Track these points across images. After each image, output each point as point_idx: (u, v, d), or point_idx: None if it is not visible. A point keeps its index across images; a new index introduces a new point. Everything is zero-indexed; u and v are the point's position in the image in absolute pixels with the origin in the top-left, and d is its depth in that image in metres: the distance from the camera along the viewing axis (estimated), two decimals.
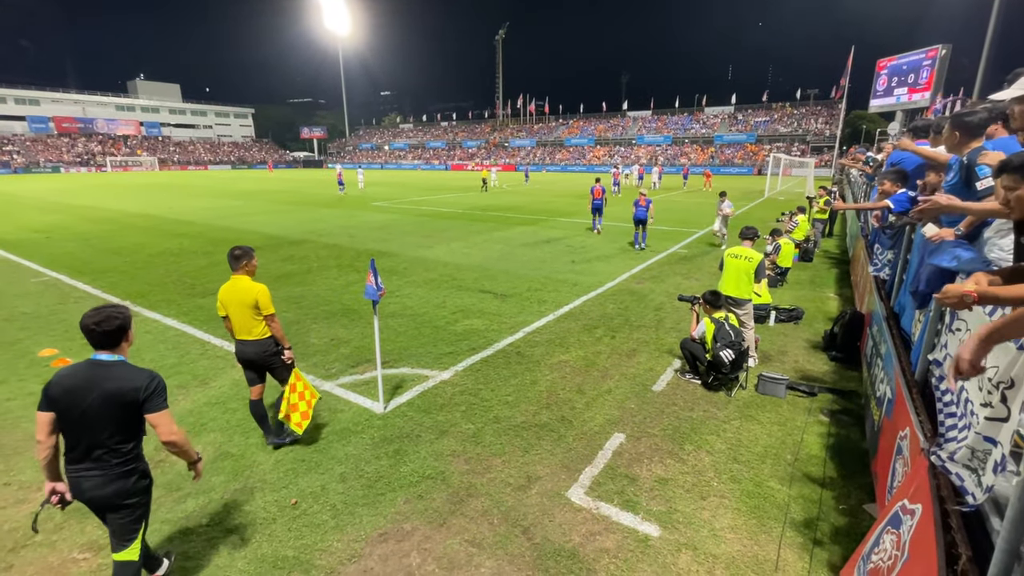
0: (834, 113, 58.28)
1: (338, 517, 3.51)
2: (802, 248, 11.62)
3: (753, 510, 3.59)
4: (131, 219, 19.07)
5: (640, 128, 73.37)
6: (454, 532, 3.38)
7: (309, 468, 4.07)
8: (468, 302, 8.45)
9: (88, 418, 2.41)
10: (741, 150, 61.24)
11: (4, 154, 65.96)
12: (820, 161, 49.69)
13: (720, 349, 5.20)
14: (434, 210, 22.13)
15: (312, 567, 3.10)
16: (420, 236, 15.09)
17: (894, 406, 3.46)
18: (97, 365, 2.50)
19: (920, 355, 3.22)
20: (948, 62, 31.41)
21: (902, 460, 2.93)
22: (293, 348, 6.40)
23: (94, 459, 2.47)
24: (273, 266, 11.09)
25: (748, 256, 5.94)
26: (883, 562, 2.34)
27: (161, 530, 3.42)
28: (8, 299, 8.72)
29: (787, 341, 6.85)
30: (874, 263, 6.06)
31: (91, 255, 12.40)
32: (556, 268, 10.91)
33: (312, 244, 13.77)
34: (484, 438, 4.49)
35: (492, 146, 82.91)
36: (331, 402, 5.14)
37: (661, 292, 9.05)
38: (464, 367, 5.94)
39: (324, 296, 8.83)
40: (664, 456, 4.24)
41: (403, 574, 3.05)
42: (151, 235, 15.40)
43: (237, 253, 4.08)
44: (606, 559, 3.16)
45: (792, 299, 8.69)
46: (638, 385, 5.51)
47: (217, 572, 3.06)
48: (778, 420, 4.81)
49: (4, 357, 6.28)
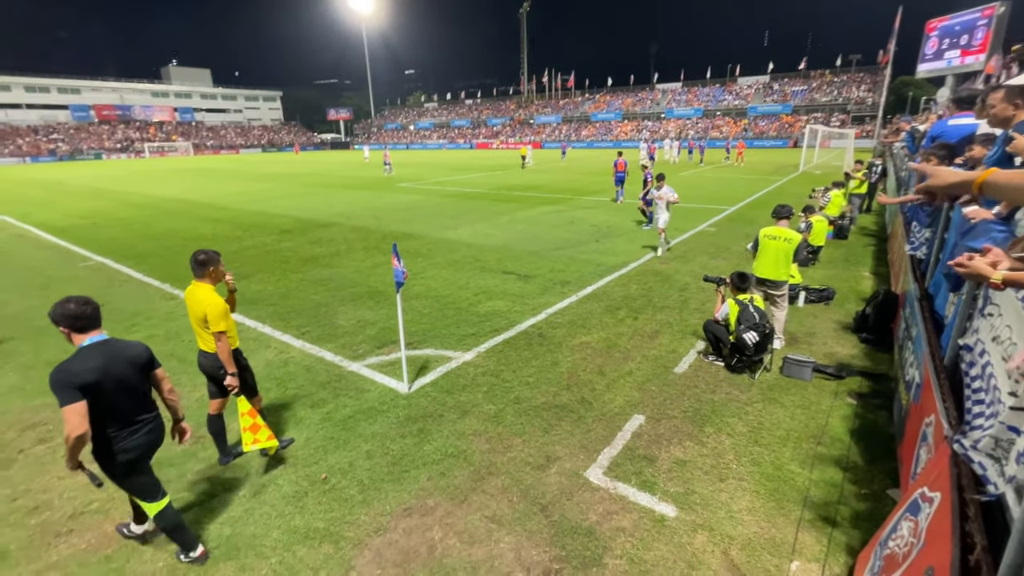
0: (878, 80, 55.07)
1: (365, 492, 3.69)
2: (836, 225, 11.19)
3: (772, 493, 3.60)
4: (168, 204, 19.79)
5: (670, 101, 71.13)
6: (475, 508, 3.51)
7: (338, 445, 4.25)
8: (491, 283, 8.52)
9: (125, 385, 2.83)
10: (776, 121, 58.79)
11: (50, 142, 68.98)
12: (861, 131, 47.33)
13: (744, 331, 5.13)
14: (459, 190, 22.17)
15: (341, 538, 3.28)
16: (444, 217, 15.19)
17: (922, 391, 3.37)
18: (105, 343, 2.86)
19: (951, 339, 3.12)
20: (1007, 20, 29.12)
21: (926, 447, 2.87)
22: (322, 329, 6.67)
23: (140, 414, 2.93)
24: (302, 249, 11.39)
25: (787, 237, 5.73)
26: (899, 548, 2.33)
27: (204, 501, 3.66)
28: (59, 283, 9.26)
29: (816, 322, 6.69)
30: (911, 241, 5.81)
31: (133, 240, 12.98)
32: (580, 248, 10.85)
33: (339, 227, 14.04)
34: (505, 418, 4.59)
35: (517, 123, 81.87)
36: (358, 382, 5.32)
37: (686, 272, 8.91)
38: (486, 348, 6.04)
39: (351, 278, 9.05)
40: (684, 438, 4.26)
41: (426, 547, 3.20)
42: (187, 220, 15.98)
43: (201, 258, 3.67)
44: (622, 537, 3.23)
45: (824, 278, 8.44)
46: (660, 367, 5.50)
47: (254, 541, 3.28)
48: (802, 403, 4.75)
49: (56, 340, 6.66)
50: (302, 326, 6.86)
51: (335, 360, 5.82)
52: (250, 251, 11.39)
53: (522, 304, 7.49)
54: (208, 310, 3.56)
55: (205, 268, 3.67)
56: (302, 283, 8.84)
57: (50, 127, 72.65)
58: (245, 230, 13.95)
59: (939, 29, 33.58)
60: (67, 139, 71.07)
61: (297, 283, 8.85)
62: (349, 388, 5.19)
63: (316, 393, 5.11)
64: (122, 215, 17.19)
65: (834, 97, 57.96)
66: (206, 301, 3.58)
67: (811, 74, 63.61)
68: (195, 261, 3.68)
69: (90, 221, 16.06)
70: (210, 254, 3.69)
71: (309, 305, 7.69)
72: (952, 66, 32.56)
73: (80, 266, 10.49)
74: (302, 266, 9.96)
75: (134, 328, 6.94)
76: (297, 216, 16.04)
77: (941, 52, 33.43)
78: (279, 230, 13.77)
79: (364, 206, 17.99)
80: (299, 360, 5.87)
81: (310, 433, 4.45)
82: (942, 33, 33.26)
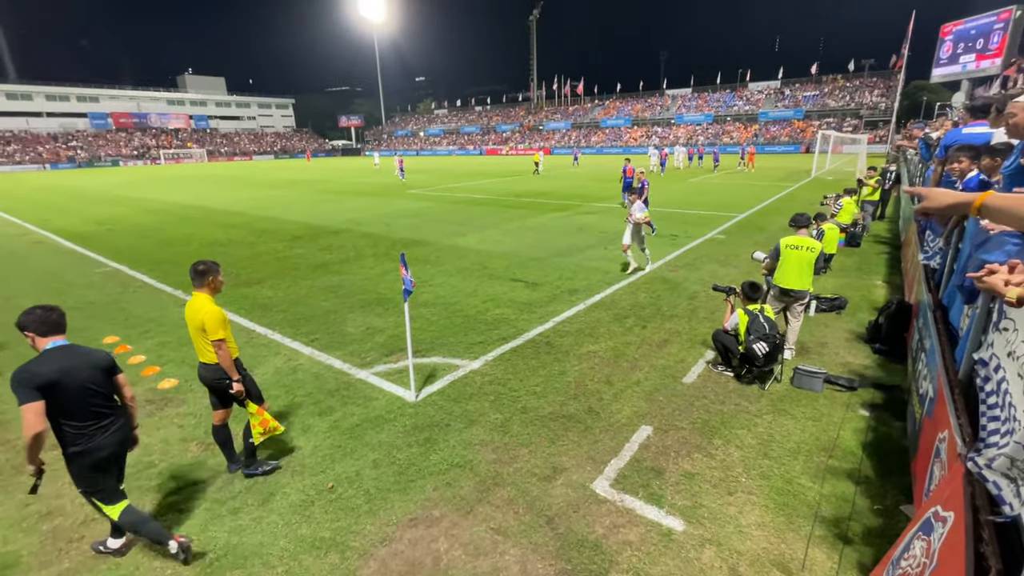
0: (891, 84, 54.58)
1: (371, 502, 3.70)
2: (848, 232, 11.06)
3: (782, 507, 3.54)
4: (183, 210, 20.10)
5: (680, 107, 71.00)
6: (480, 520, 3.50)
7: (345, 454, 4.27)
8: (499, 291, 8.53)
9: (89, 386, 2.97)
10: (787, 127, 58.42)
11: (70, 149, 70.49)
12: (874, 137, 46.85)
13: (753, 342, 5.08)
14: (468, 197, 22.27)
15: (347, 548, 3.29)
16: (453, 224, 15.25)
17: (935, 405, 3.31)
18: (69, 347, 3.03)
19: (965, 353, 3.06)
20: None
21: (940, 463, 2.82)
22: (330, 337, 6.71)
23: (102, 417, 3.04)
24: (313, 255, 11.50)
25: (810, 247, 5.70)
26: (911, 568, 2.28)
27: (212, 508, 3.69)
28: (77, 289, 9.43)
29: (827, 332, 6.61)
30: (924, 250, 5.73)
31: (147, 246, 13.19)
32: (588, 256, 10.83)
33: (349, 233, 14.16)
34: (512, 428, 4.58)
35: (527, 129, 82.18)
36: (366, 390, 5.34)
37: (696, 280, 8.85)
38: (494, 357, 6.04)
39: (360, 285, 9.11)
40: (692, 450, 4.21)
41: (431, 558, 3.19)
42: (201, 226, 16.21)
43: (201, 268, 3.69)
44: (629, 551, 3.20)
45: (835, 287, 8.34)
46: (668, 377, 5.46)
47: (261, 550, 3.30)
48: (813, 415, 4.68)
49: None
50: (311, 333, 6.91)
51: (343, 367, 5.86)
52: (262, 257, 11.52)
53: (530, 312, 7.49)
54: (206, 318, 3.57)
55: (204, 278, 3.68)
56: (312, 290, 8.91)
57: (69, 134, 74.28)
58: (258, 236, 14.12)
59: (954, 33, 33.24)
60: (86, 146, 72.60)
61: (307, 290, 8.93)
62: (357, 396, 5.22)
63: (324, 401, 5.14)
64: (138, 221, 17.49)
65: (846, 102, 57.48)
66: (204, 309, 3.60)
67: (823, 79, 63.20)
68: (194, 271, 3.70)
69: (106, 227, 16.35)
70: (209, 264, 3.71)
71: (319, 312, 7.75)
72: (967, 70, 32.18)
73: (96, 272, 10.68)
74: (312, 273, 10.05)
75: (147, 334, 7.05)
76: (308, 223, 16.21)
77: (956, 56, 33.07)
78: (290, 236, 13.92)
79: (374, 212, 18.13)
80: (308, 367, 5.91)
81: (318, 441, 4.48)
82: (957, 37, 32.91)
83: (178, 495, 3.85)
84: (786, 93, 64.07)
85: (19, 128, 71.84)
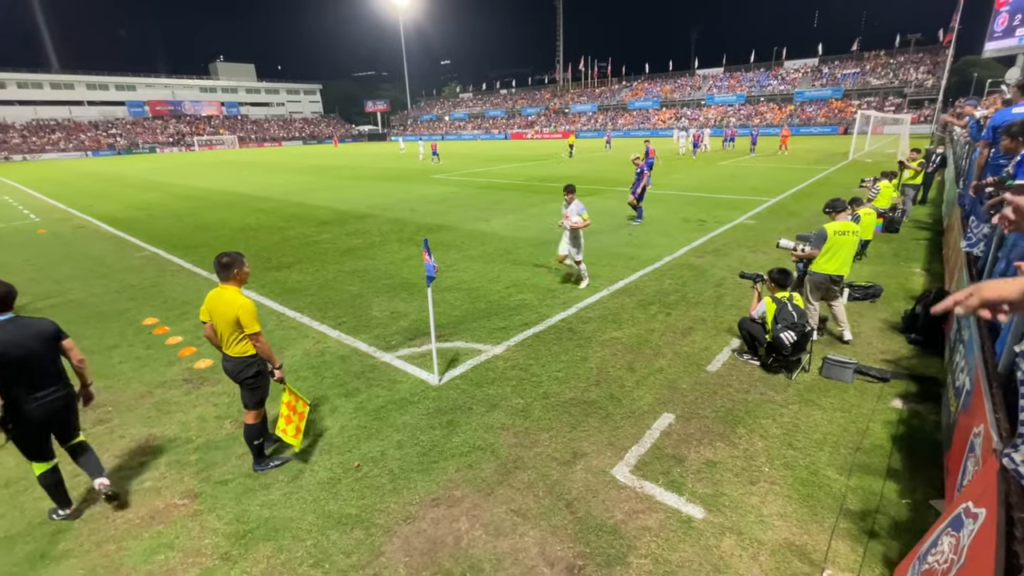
0: (939, 60, 51.58)
1: (395, 481, 3.81)
2: (886, 218, 10.61)
3: (806, 498, 3.50)
4: (216, 196, 20.68)
5: (711, 87, 68.75)
6: (501, 501, 3.57)
7: (370, 435, 4.39)
8: (522, 276, 8.54)
9: (31, 356, 3.18)
10: (824, 107, 55.96)
11: (109, 137, 73.06)
12: (918, 117, 44.48)
13: (781, 331, 4.97)
14: (492, 182, 22.21)
15: (372, 525, 3.40)
16: (477, 209, 15.26)
17: (971, 398, 3.19)
18: (12, 320, 3.22)
19: (1006, 346, 2.93)
20: None
21: (974, 458, 2.73)
22: (357, 320, 6.86)
23: (48, 383, 3.29)
24: (340, 240, 11.71)
25: (854, 231, 5.66)
26: (939, 564, 2.24)
27: (245, 483, 3.86)
28: (118, 272, 9.86)
29: (861, 321, 6.40)
30: (967, 237, 5.47)
31: (183, 231, 13.65)
32: (612, 241, 10.71)
33: (375, 219, 14.34)
34: (533, 413, 4.63)
35: (552, 112, 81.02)
36: (390, 373, 5.46)
37: (723, 267, 8.67)
38: (516, 342, 6.08)
39: (386, 270, 9.25)
40: (714, 438, 4.18)
41: (452, 537, 3.28)
42: (232, 211, 16.66)
43: (225, 261, 3.63)
44: (647, 537, 3.22)
45: (871, 274, 8.05)
46: (692, 365, 5.41)
47: (290, 524, 3.44)
48: (842, 406, 4.57)
49: (116, 325, 7.16)
50: (339, 316, 7.08)
51: (369, 351, 5.99)
52: (291, 241, 11.79)
53: (552, 298, 7.48)
54: (240, 313, 3.54)
55: (230, 271, 3.63)
56: (339, 274, 9.10)
57: (109, 123, 76.91)
58: (287, 221, 14.44)
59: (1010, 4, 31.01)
60: (124, 134, 75.11)
61: (334, 274, 9.12)
62: (382, 379, 5.34)
63: (351, 383, 5.28)
64: (173, 207, 18.08)
65: (889, 80, 54.62)
66: (237, 303, 3.56)
67: (864, 56, 60.10)
68: (219, 264, 3.63)
69: (145, 212, 16.97)
70: (234, 256, 3.66)
71: (345, 296, 7.92)
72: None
73: (136, 256, 11.13)
74: (339, 257, 10.24)
75: (183, 316, 7.33)
76: (335, 208, 16.47)
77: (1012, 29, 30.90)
78: (318, 221, 14.18)
79: (399, 198, 18.29)
80: (335, 350, 6.07)
81: (344, 421, 4.61)
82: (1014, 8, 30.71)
83: (213, 469, 4.04)
84: (824, 71, 61.23)
85: (63, 117, 74.75)
